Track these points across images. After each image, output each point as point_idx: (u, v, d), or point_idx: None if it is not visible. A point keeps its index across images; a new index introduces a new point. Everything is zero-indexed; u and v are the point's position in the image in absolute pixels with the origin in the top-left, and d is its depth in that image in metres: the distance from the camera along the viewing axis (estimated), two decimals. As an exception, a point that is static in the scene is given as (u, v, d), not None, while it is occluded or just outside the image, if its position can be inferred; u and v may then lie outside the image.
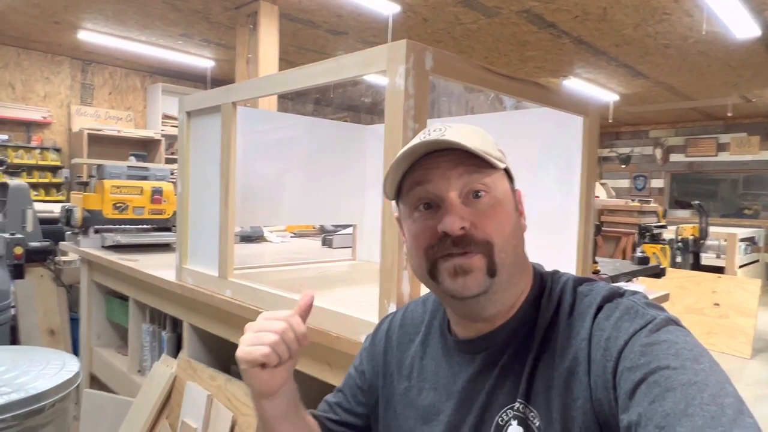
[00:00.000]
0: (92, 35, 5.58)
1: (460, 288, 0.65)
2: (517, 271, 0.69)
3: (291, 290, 1.41)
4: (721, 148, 9.40)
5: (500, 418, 0.66)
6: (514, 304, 0.70)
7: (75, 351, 2.98)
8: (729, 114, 8.30)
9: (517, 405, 0.65)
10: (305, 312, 0.74)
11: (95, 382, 2.55)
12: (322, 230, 3.31)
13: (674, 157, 9.95)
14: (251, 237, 2.97)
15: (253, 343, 0.68)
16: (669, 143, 10.01)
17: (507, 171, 0.72)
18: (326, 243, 2.78)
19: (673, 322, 0.60)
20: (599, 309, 0.64)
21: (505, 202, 0.68)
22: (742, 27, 4.52)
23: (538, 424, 0.63)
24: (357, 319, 1.12)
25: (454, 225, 0.64)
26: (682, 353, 0.54)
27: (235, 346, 1.65)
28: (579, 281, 0.71)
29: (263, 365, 0.68)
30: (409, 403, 0.76)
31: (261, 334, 0.69)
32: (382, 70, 1.03)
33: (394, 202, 0.74)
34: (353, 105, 8.62)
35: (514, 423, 0.65)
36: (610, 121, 9.04)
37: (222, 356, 1.84)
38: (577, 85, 6.81)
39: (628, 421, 0.52)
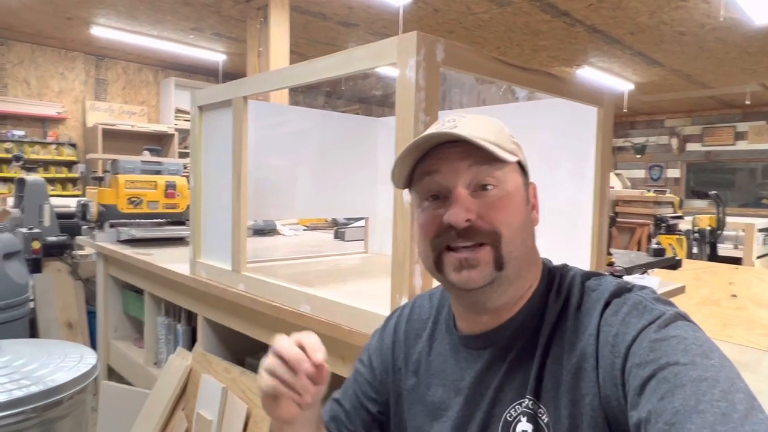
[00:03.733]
0: (105, 30, 5.62)
1: (465, 280, 0.65)
2: (525, 264, 0.68)
3: (304, 284, 1.42)
4: (739, 136, 9.23)
5: (509, 414, 0.66)
6: (521, 297, 0.69)
7: (93, 344, 3.03)
8: (747, 102, 8.14)
9: (526, 401, 0.65)
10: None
11: (113, 374, 2.59)
12: (335, 223, 3.31)
13: (691, 147, 9.80)
14: (264, 230, 2.98)
15: (266, 369, 0.65)
16: (685, 132, 9.85)
17: (521, 164, 0.70)
18: (338, 236, 2.79)
19: (682, 317, 0.59)
20: (607, 304, 0.63)
21: (515, 195, 0.67)
22: (761, 13, 4.41)
23: (546, 420, 0.62)
24: (369, 312, 1.12)
25: (459, 217, 0.63)
26: (692, 349, 0.53)
27: (249, 339, 1.66)
28: (587, 276, 0.70)
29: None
30: (417, 399, 0.76)
31: (272, 364, 0.64)
32: (392, 62, 1.03)
33: (407, 191, 0.74)
34: (364, 97, 8.60)
35: (524, 419, 0.64)
36: (624, 110, 8.92)
37: (236, 349, 1.86)
38: (591, 74, 6.71)
39: (637, 418, 0.52)
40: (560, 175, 1.53)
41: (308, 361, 0.64)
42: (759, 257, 6.17)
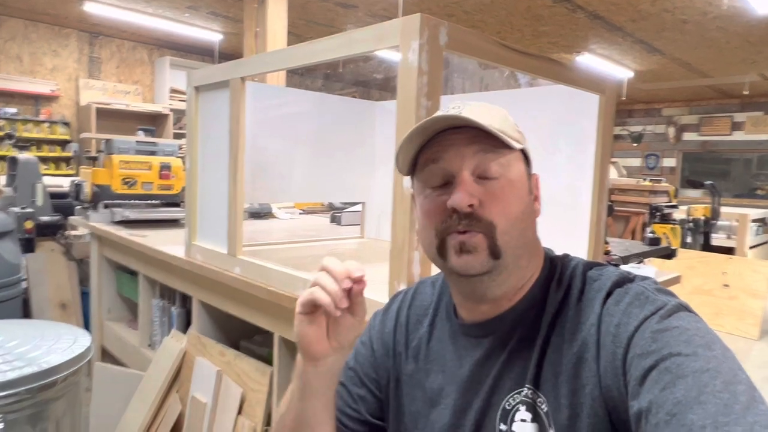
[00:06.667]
0: (99, 7, 5.51)
1: (464, 265, 0.65)
2: (524, 254, 0.68)
3: (300, 268, 1.41)
4: (736, 126, 9.22)
5: (507, 403, 0.66)
6: (522, 287, 0.69)
7: (86, 324, 3.02)
8: (745, 92, 8.12)
9: (525, 390, 0.64)
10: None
11: (106, 356, 2.59)
12: (331, 207, 3.30)
13: (687, 136, 9.79)
14: (260, 213, 2.96)
15: (312, 280, 0.67)
16: (682, 122, 9.84)
17: (524, 153, 0.70)
18: (335, 220, 2.78)
19: (684, 308, 0.59)
20: (609, 294, 0.63)
21: (517, 184, 0.67)
22: (764, 2, 4.38)
23: (546, 409, 0.62)
24: (367, 299, 1.11)
25: (463, 201, 0.63)
26: (694, 340, 0.53)
27: (244, 323, 1.66)
28: (589, 265, 0.70)
29: (310, 313, 0.66)
30: (415, 385, 0.76)
31: (319, 275, 0.67)
32: (394, 45, 1.00)
33: (408, 178, 0.73)
34: (363, 80, 8.52)
35: (523, 408, 0.64)
36: (623, 98, 8.89)
37: (231, 332, 1.86)
38: (590, 61, 6.67)
39: (638, 408, 0.52)
40: (559, 162, 1.52)
41: (351, 275, 0.65)
42: (752, 247, 6.21)
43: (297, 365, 0.71)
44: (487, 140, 0.64)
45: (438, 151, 0.66)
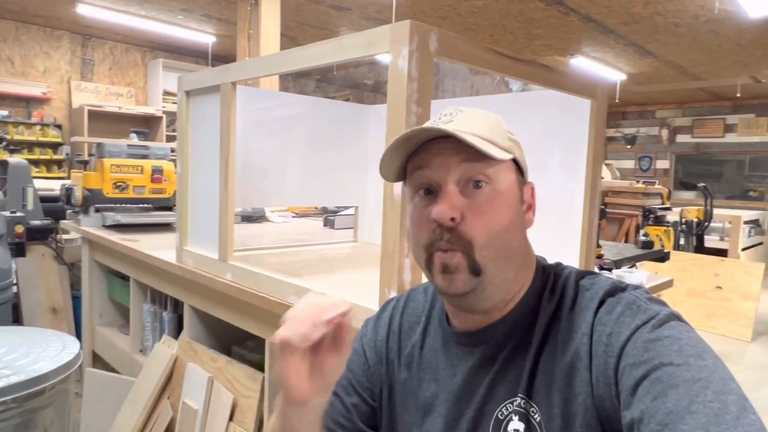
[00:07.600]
0: (91, 9, 5.48)
1: (447, 285, 0.65)
2: (511, 266, 0.67)
3: (291, 274, 1.40)
4: (729, 129, 9.29)
5: (500, 413, 0.65)
6: (514, 297, 0.69)
7: (78, 329, 2.99)
8: (738, 94, 8.18)
9: (518, 400, 0.64)
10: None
11: (98, 361, 2.56)
12: (324, 210, 3.29)
13: (680, 138, 9.85)
14: (253, 217, 2.95)
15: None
16: (675, 124, 9.89)
17: (516, 161, 0.69)
18: (328, 224, 2.77)
19: (676, 317, 0.59)
20: (601, 303, 0.63)
21: (505, 195, 0.66)
22: (756, 5, 4.41)
23: (538, 419, 0.62)
24: (358, 306, 1.10)
25: (444, 214, 0.63)
26: (685, 349, 0.53)
27: (236, 328, 1.65)
28: (581, 274, 0.70)
29: (288, 350, 0.59)
30: (408, 394, 0.76)
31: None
32: (385, 51, 1.00)
33: (399, 185, 0.72)
34: (356, 83, 8.53)
35: (516, 418, 0.64)
36: (616, 101, 8.93)
37: (223, 338, 1.84)
38: (584, 64, 6.69)
39: (630, 418, 0.52)
40: (551, 167, 1.52)
41: (338, 309, 0.60)
42: (744, 249, 6.25)
43: (279, 404, 0.66)
44: (474, 150, 0.64)
45: (425, 158, 0.66)
